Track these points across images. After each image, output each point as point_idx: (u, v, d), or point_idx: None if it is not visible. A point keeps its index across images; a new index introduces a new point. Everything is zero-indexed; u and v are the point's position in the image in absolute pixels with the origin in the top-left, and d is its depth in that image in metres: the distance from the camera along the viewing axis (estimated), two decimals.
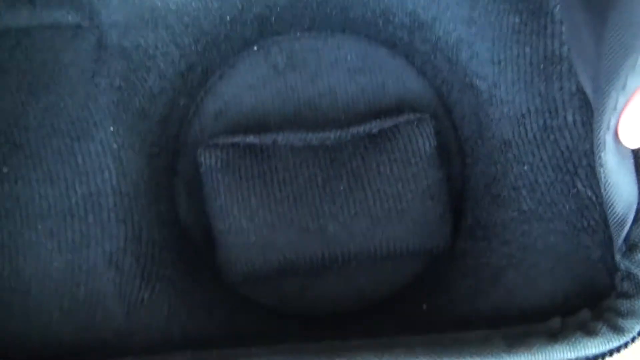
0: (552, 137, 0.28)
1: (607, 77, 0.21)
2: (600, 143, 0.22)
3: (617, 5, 0.20)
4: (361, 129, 0.32)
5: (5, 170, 0.29)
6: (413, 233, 0.31)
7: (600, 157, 0.23)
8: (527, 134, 0.29)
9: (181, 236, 0.33)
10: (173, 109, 0.33)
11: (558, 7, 0.28)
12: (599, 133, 0.22)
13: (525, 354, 0.24)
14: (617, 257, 0.25)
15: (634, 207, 0.24)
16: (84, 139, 0.30)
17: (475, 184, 0.32)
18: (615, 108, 0.21)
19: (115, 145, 0.30)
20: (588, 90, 0.26)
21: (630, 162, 0.24)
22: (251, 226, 0.31)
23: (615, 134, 0.22)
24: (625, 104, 0.21)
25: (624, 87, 0.20)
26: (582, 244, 0.27)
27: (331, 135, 0.32)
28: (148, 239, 0.30)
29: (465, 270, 0.30)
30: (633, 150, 0.24)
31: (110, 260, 0.29)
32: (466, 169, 0.33)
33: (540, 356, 0.24)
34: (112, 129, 0.30)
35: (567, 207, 0.28)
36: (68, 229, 0.29)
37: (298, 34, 0.34)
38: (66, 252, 0.29)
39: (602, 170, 0.23)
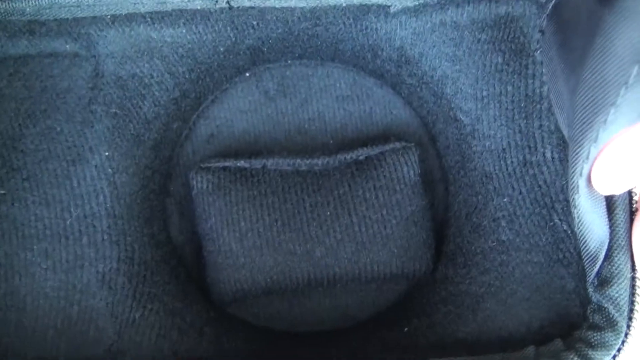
0: (531, 171, 0.29)
1: (580, 129, 0.22)
2: (574, 187, 0.23)
3: (589, 63, 0.21)
4: (348, 155, 0.33)
5: (2, 192, 0.29)
6: (397, 257, 0.32)
7: (574, 199, 0.24)
8: (507, 168, 0.30)
9: (173, 256, 0.33)
10: (166, 133, 0.33)
11: (539, 50, 0.29)
12: (572, 178, 0.23)
13: None
14: (590, 290, 0.26)
15: (605, 245, 0.25)
16: (80, 163, 0.30)
17: (458, 212, 0.32)
18: (587, 157, 0.22)
19: (110, 170, 0.30)
20: (564, 132, 0.27)
21: (602, 204, 0.25)
22: (240, 248, 0.32)
23: (588, 180, 0.23)
24: (597, 155, 0.22)
25: (595, 139, 0.21)
26: (558, 275, 0.28)
27: (319, 162, 0.33)
28: (140, 259, 0.31)
29: (446, 296, 0.31)
30: None
31: (103, 281, 0.29)
32: (449, 197, 0.34)
33: None
34: (107, 154, 0.30)
35: (544, 239, 0.29)
36: (63, 249, 0.29)
37: (289, 61, 0.34)
38: (60, 272, 0.29)
39: (575, 211, 0.24)
